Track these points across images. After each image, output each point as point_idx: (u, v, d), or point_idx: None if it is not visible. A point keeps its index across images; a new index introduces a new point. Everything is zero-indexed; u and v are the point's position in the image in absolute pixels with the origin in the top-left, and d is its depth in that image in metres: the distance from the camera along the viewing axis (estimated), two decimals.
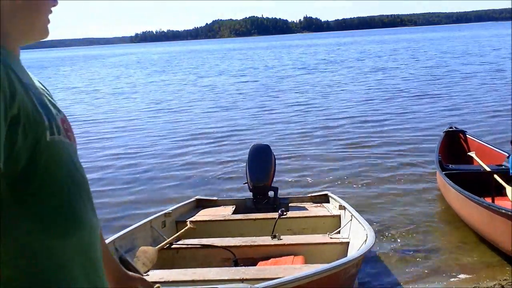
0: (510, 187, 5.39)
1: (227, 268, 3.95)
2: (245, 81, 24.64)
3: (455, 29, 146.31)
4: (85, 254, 1.32)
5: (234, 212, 5.35)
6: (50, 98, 1.39)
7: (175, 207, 5.16)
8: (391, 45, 60.60)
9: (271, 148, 5.76)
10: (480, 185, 5.53)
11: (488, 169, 6.09)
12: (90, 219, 1.35)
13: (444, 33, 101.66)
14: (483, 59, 29.16)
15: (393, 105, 14.63)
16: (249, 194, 5.64)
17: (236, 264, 4.15)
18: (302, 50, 62.29)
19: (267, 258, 4.18)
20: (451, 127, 7.64)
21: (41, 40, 1.43)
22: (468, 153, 7.08)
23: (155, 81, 28.59)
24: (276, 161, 5.78)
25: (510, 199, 5.22)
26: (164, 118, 15.01)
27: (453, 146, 7.33)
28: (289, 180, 7.98)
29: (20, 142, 1.18)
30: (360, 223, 4.31)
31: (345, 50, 54.32)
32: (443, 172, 6.02)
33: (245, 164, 5.70)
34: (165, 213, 4.86)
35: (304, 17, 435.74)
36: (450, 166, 6.46)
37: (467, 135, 7.40)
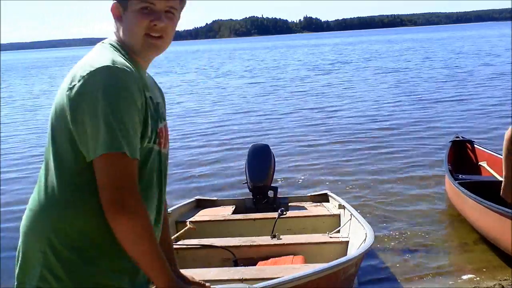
0: None
1: (227, 268, 3.95)
2: (258, 82, 24.00)
3: (458, 29, 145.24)
4: None
5: (234, 212, 5.35)
6: (161, 107, 1.74)
7: (174, 207, 5.15)
8: (399, 45, 59.50)
9: (271, 147, 5.75)
10: (494, 196, 4.97)
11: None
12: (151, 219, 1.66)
13: (448, 33, 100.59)
14: (499, 59, 28.19)
15: (404, 107, 14.28)
16: (249, 194, 5.63)
17: (236, 264, 4.14)
18: (308, 50, 61.46)
19: (267, 258, 4.17)
20: (457, 137, 7.30)
21: (151, 57, 1.74)
22: (478, 163, 6.70)
23: (162, 82, 28.47)
24: (276, 160, 5.77)
25: None
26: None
27: (461, 156, 7.00)
28: (289, 179, 7.97)
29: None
30: (360, 223, 4.30)
31: (353, 50, 53.27)
32: (457, 181, 5.68)
33: (244, 163, 5.69)
34: None
35: (304, 17, 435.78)
36: (460, 176, 6.10)
37: (474, 145, 7.03)
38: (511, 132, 4.44)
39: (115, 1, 1.68)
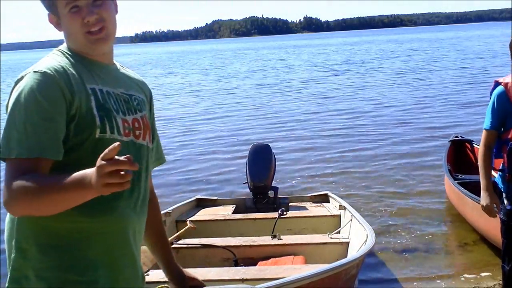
0: None
1: (227, 268, 3.95)
2: (269, 84, 23.33)
3: (460, 29, 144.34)
4: (110, 238, 1.61)
5: (234, 212, 5.35)
6: (127, 100, 1.70)
7: (175, 206, 5.16)
8: (408, 44, 58.37)
9: (272, 147, 5.75)
10: None
11: None
12: (122, 211, 1.62)
13: (453, 33, 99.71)
14: None
15: (406, 107, 14.17)
16: (249, 194, 5.63)
17: (236, 264, 4.14)
18: (315, 50, 60.65)
19: (267, 258, 4.18)
20: (456, 136, 7.25)
21: (94, 52, 1.68)
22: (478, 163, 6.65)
23: (168, 83, 27.66)
24: (277, 160, 5.77)
25: None
26: (165, 117, 15.01)
27: (460, 156, 6.97)
28: (289, 179, 7.98)
29: (72, 135, 1.54)
30: (360, 223, 4.30)
31: (360, 50, 52.14)
32: (456, 182, 5.67)
33: (245, 163, 5.69)
34: (165, 213, 4.85)
35: (304, 17, 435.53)
36: (459, 176, 6.09)
37: (474, 145, 6.96)
38: (487, 136, 3.42)
39: (48, 12, 1.68)
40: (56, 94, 1.52)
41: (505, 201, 3.38)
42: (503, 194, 3.41)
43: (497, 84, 3.37)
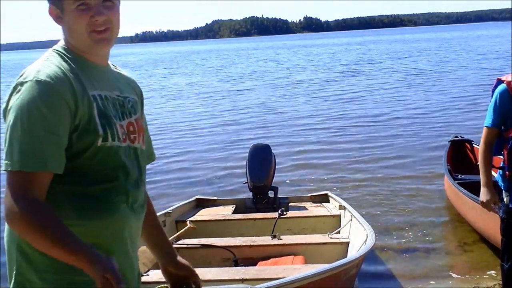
0: None
1: (227, 268, 3.95)
2: (280, 85, 22.69)
3: (461, 29, 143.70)
4: (113, 237, 1.63)
5: (234, 212, 5.35)
6: (122, 103, 1.70)
7: (175, 206, 5.16)
8: (414, 44, 57.73)
9: (272, 147, 5.75)
10: None
11: None
12: (122, 212, 1.64)
13: (457, 33, 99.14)
14: None
15: (413, 109, 14.04)
16: (249, 194, 5.63)
17: (236, 264, 4.14)
18: (322, 50, 59.87)
19: (267, 258, 4.18)
20: (456, 136, 7.26)
21: (99, 52, 1.67)
22: (478, 163, 6.65)
23: (175, 83, 27.35)
24: (276, 160, 5.77)
25: None
26: (164, 118, 15.01)
27: (460, 156, 6.97)
28: (289, 179, 7.98)
29: (74, 144, 1.54)
30: (360, 223, 4.30)
31: (368, 50, 51.22)
32: (456, 182, 5.68)
33: (245, 163, 5.69)
34: (165, 213, 4.86)
35: (304, 17, 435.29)
36: (459, 176, 6.09)
37: (473, 145, 6.97)
38: (487, 133, 3.43)
39: (50, 4, 1.64)
40: (61, 106, 1.52)
41: (505, 199, 3.38)
42: (503, 191, 3.41)
43: (499, 82, 3.37)
